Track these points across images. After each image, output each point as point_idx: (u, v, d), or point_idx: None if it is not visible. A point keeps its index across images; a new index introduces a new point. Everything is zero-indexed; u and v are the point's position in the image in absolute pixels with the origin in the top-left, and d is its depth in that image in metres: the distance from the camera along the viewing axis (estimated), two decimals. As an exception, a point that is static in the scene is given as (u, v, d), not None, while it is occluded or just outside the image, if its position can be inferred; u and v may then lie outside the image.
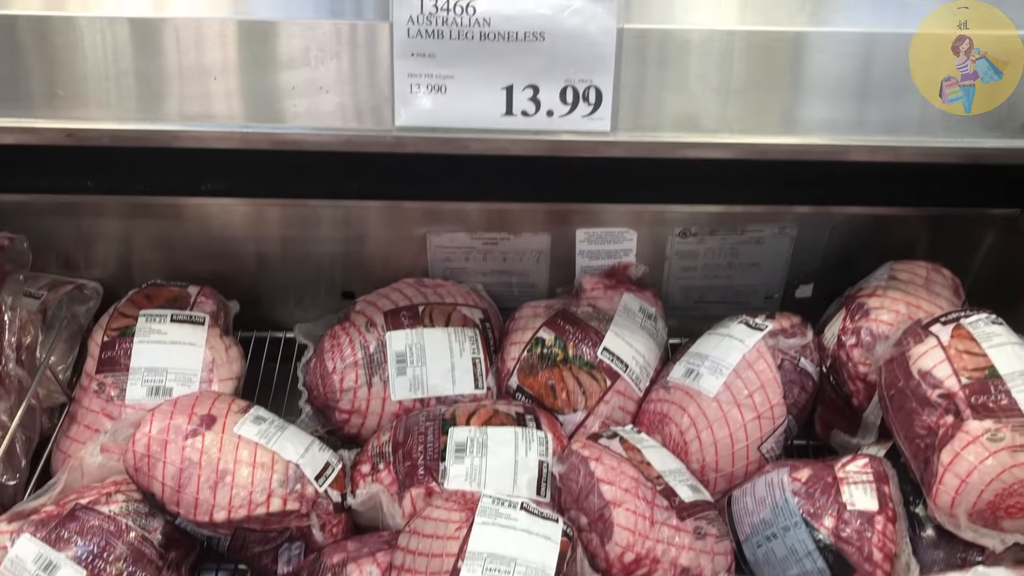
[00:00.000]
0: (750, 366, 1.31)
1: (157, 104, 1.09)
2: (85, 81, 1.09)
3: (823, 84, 1.09)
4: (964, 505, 1.12)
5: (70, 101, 1.09)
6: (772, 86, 1.09)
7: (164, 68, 1.08)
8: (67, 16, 1.08)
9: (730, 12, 1.12)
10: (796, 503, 1.18)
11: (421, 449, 1.24)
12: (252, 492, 1.16)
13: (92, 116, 1.10)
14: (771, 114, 1.11)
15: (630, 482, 1.16)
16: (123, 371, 1.35)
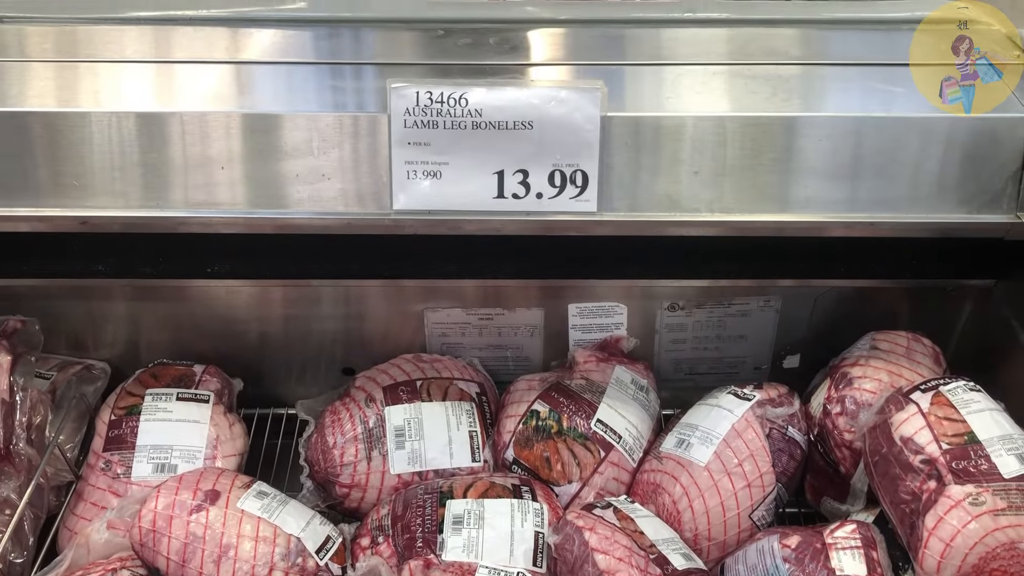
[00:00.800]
0: (739, 435, 1.35)
1: (166, 192, 1.16)
2: (96, 172, 1.16)
3: (798, 165, 1.16)
4: (950, 569, 1.15)
5: (82, 191, 1.16)
6: (745, 168, 1.16)
7: (172, 159, 1.15)
8: (79, 111, 1.16)
9: (707, 101, 1.20)
10: (787, 569, 1.21)
11: (419, 522, 1.27)
12: (255, 566, 1.18)
13: (104, 204, 1.17)
14: (747, 193, 1.17)
15: (623, 551, 1.19)
16: (129, 449, 1.39)
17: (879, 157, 1.16)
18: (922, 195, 1.18)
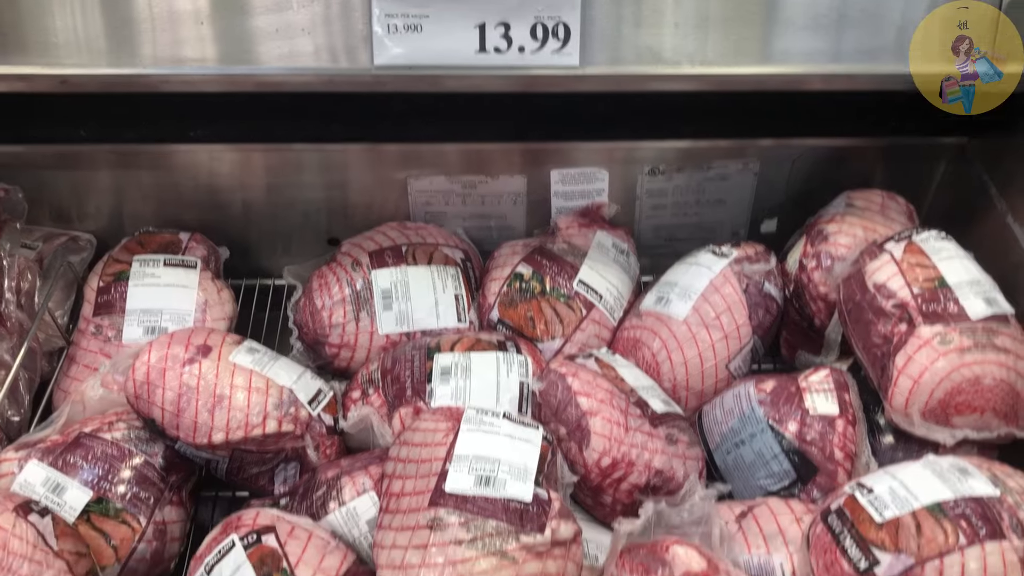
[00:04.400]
0: (717, 290, 1.38)
1: (145, 49, 1.15)
2: (74, 29, 1.14)
3: (779, 16, 1.17)
4: (917, 404, 1.20)
5: (61, 49, 1.15)
6: (729, 19, 1.17)
7: (152, 14, 1.14)
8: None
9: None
10: (762, 411, 1.26)
11: (408, 374, 1.31)
12: (248, 415, 1.22)
13: (82, 63, 1.16)
14: (729, 45, 1.18)
15: (605, 394, 1.24)
16: (119, 313, 1.41)
17: (861, 6, 1.16)
18: (903, 47, 1.19)
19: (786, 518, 1.14)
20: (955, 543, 0.99)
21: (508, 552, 1.02)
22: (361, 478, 1.19)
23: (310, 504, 1.18)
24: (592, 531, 1.21)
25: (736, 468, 1.27)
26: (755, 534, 1.13)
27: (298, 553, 1.05)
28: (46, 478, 1.18)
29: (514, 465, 1.09)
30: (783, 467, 1.23)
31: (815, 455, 1.21)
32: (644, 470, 1.20)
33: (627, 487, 1.20)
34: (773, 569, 1.10)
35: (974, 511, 1.01)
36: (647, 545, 1.08)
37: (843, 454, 1.21)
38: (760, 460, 1.24)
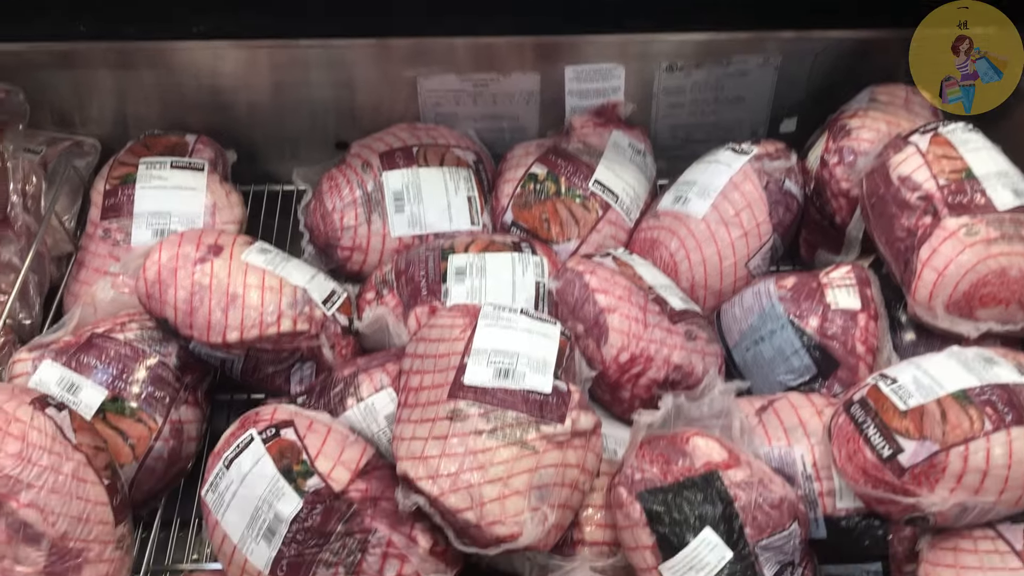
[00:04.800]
0: (736, 187, 1.35)
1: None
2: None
3: None
4: (941, 297, 1.18)
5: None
6: None
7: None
8: None
9: None
10: (782, 308, 1.24)
11: (423, 274, 1.29)
12: (263, 313, 1.20)
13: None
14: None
15: (623, 291, 1.22)
16: (127, 216, 1.38)
17: None
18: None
19: (807, 411, 1.14)
20: (980, 429, 0.98)
21: (528, 442, 1.01)
22: (378, 375, 1.18)
23: (327, 401, 1.17)
24: (610, 427, 1.20)
25: (755, 365, 1.26)
26: (775, 427, 1.13)
27: (318, 446, 1.05)
28: (60, 377, 1.17)
29: (533, 358, 1.08)
30: (804, 362, 1.21)
31: (836, 350, 1.20)
32: (663, 365, 1.18)
33: (645, 382, 1.19)
34: (794, 461, 1.10)
35: (1000, 397, 1.00)
36: (667, 437, 1.07)
37: (865, 348, 1.20)
38: (780, 356, 1.23)
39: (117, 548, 1.03)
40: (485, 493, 0.99)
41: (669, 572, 1.00)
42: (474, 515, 0.98)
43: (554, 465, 1.02)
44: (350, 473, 1.03)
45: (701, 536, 0.99)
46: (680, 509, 1.00)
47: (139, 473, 1.17)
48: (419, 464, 1.02)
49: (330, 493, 1.00)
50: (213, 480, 1.06)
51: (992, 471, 0.97)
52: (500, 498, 0.99)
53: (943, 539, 1.02)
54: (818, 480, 1.08)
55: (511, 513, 0.99)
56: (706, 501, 1.01)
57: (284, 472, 1.01)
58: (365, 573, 0.99)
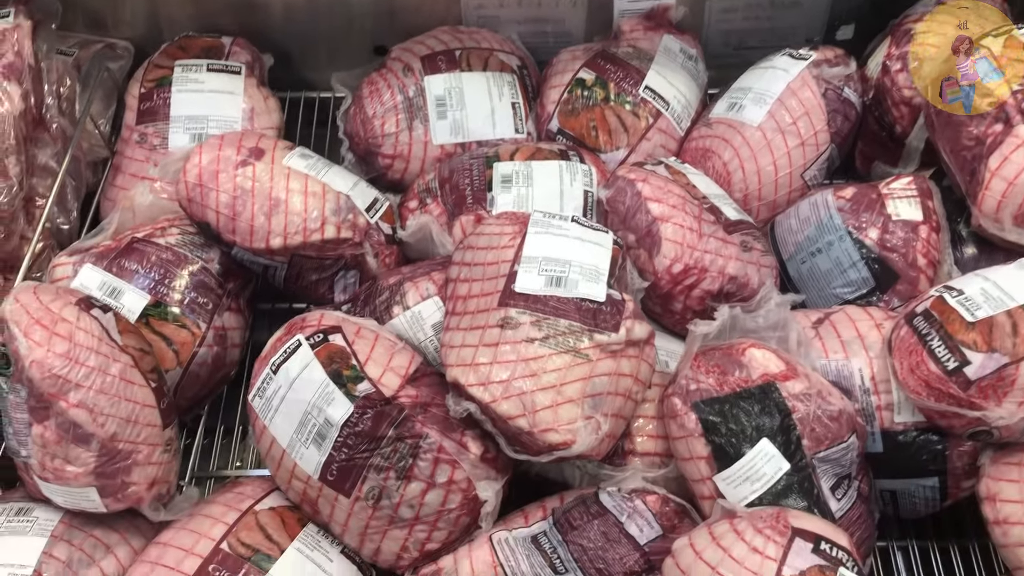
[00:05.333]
0: (794, 94, 1.30)
1: None
2: None
3: None
4: (1010, 208, 1.13)
5: None
6: None
7: None
8: None
9: None
10: (840, 219, 1.20)
11: (467, 182, 1.25)
12: (306, 219, 1.17)
13: None
14: None
15: (677, 199, 1.18)
16: (164, 120, 1.35)
17: None
18: None
19: (865, 324, 1.10)
20: (1054, 342, 0.95)
21: (581, 350, 0.99)
22: (424, 283, 1.15)
23: (373, 309, 1.15)
24: (661, 339, 1.17)
25: (811, 278, 1.22)
26: (833, 339, 1.10)
27: (367, 351, 1.03)
28: (102, 282, 1.15)
29: (585, 266, 1.05)
30: (861, 275, 1.18)
31: (896, 262, 1.16)
32: (717, 276, 1.15)
33: (699, 294, 1.16)
34: (852, 374, 1.07)
35: (1074, 311, 0.96)
36: (723, 347, 1.05)
37: (926, 261, 1.16)
38: (837, 268, 1.19)
39: (165, 451, 1.02)
40: (538, 400, 0.97)
41: (724, 482, 0.98)
42: (527, 422, 0.96)
43: (608, 374, 0.99)
44: (400, 379, 1.01)
45: (758, 447, 0.98)
46: (736, 420, 0.98)
47: (183, 379, 1.16)
48: (470, 371, 1.00)
49: (381, 398, 0.99)
50: (260, 385, 1.04)
51: (1064, 384, 0.94)
52: (553, 406, 0.97)
53: (1006, 453, 1.00)
54: (876, 394, 1.06)
55: (564, 421, 0.97)
56: (763, 412, 0.99)
57: (334, 377, 0.99)
58: (416, 478, 0.98)
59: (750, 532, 0.88)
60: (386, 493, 0.98)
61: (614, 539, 0.96)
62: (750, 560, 0.86)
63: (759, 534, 0.88)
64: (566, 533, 0.97)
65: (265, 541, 0.99)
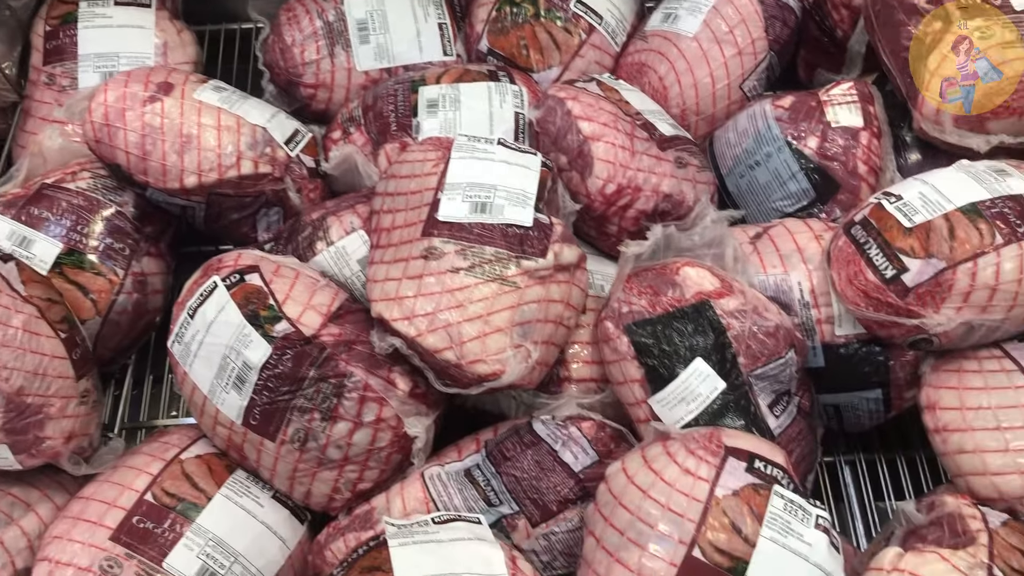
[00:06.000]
0: (730, 1, 1.24)
1: None
2: None
3: None
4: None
5: None
6: None
7: None
8: None
9: None
10: (779, 128, 1.16)
11: (391, 109, 1.20)
12: (221, 155, 1.12)
13: None
14: None
15: (608, 117, 1.13)
16: (71, 59, 1.28)
17: None
18: None
19: (804, 236, 1.07)
20: (990, 243, 0.92)
21: (509, 278, 0.95)
22: (348, 217, 1.11)
23: (296, 246, 1.10)
24: (597, 263, 1.14)
25: (750, 192, 1.18)
26: (771, 254, 1.06)
27: (285, 290, 0.98)
28: (11, 232, 1.10)
29: (511, 190, 1.00)
30: (801, 186, 1.14)
31: (837, 171, 1.12)
32: (652, 195, 1.11)
33: (633, 214, 1.12)
34: (791, 288, 1.04)
35: (1013, 210, 0.93)
36: (656, 268, 1.01)
37: (867, 168, 1.12)
38: (777, 181, 1.16)
39: (81, 403, 0.98)
40: (464, 332, 0.93)
41: (659, 405, 0.95)
42: (454, 354, 0.93)
43: (536, 301, 0.96)
44: (321, 317, 0.97)
45: (692, 367, 0.95)
46: (670, 340, 0.95)
47: (103, 328, 1.11)
48: (394, 305, 0.96)
49: (300, 338, 0.95)
50: (178, 331, 1.00)
51: (1001, 287, 0.91)
52: (480, 336, 0.93)
53: (946, 361, 0.98)
54: (816, 307, 1.03)
55: (492, 351, 0.93)
56: (697, 331, 0.96)
57: (250, 318, 0.95)
58: (342, 418, 0.94)
59: (682, 454, 0.86)
60: (312, 435, 0.94)
61: (548, 468, 0.94)
62: (682, 482, 0.84)
63: (691, 455, 0.86)
64: (499, 465, 0.95)
65: (191, 490, 0.96)
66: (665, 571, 0.80)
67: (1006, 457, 0.88)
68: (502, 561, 0.83)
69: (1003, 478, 0.88)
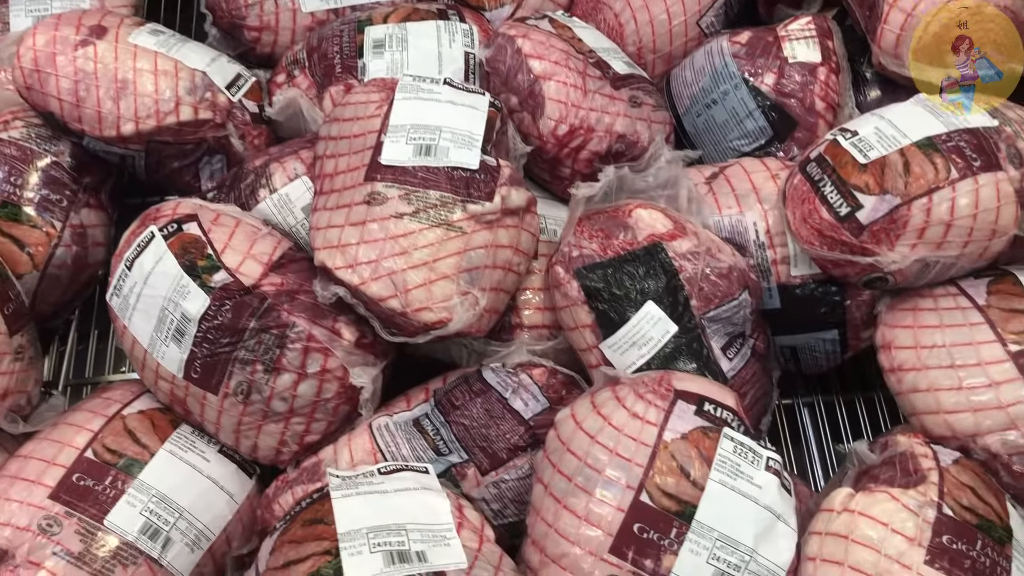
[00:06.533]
0: (686, -66, 1.21)
1: None
2: None
3: None
4: (909, 42, 1.07)
5: None
6: None
7: None
8: None
9: None
10: (736, 65, 1.13)
11: (337, 50, 1.16)
12: (158, 101, 1.08)
13: None
14: None
15: (559, 55, 1.09)
16: (2, 3, 1.23)
17: None
18: None
19: (760, 176, 1.04)
20: (945, 177, 0.89)
21: (454, 223, 0.92)
22: (292, 163, 1.07)
23: (238, 194, 1.07)
24: (550, 207, 1.11)
25: (707, 131, 1.16)
26: (727, 194, 1.04)
27: (224, 239, 0.95)
28: (-61, 186, 1.06)
29: (457, 132, 0.97)
30: (758, 124, 1.11)
31: (794, 108, 1.10)
32: (605, 135, 1.08)
33: (587, 155, 1.09)
34: (746, 228, 1.02)
35: (969, 143, 0.91)
36: (608, 210, 0.99)
37: (825, 104, 1.09)
38: (734, 119, 1.13)
39: (16, 359, 0.95)
40: (409, 279, 0.91)
41: (610, 350, 0.94)
42: (399, 302, 0.91)
43: (484, 246, 0.93)
44: (262, 266, 0.94)
45: (643, 311, 0.93)
46: (620, 284, 0.93)
47: (42, 282, 1.08)
48: (336, 253, 0.93)
49: (240, 288, 0.92)
50: (116, 283, 0.97)
51: (956, 222, 0.89)
52: (426, 283, 0.91)
53: (902, 300, 0.96)
54: (771, 248, 1.01)
55: (439, 298, 0.91)
56: (648, 275, 0.93)
57: (188, 269, 0.92)
58: (286, 369, 0.92)
59: (631, 398, 0.84)
60: (255, 387, 0.92)
61: (497, 415, 0.92)
62: (630, 426, 0.82)
63: (640, 399, 0.84)
64: (448, 413, 0.93)
65: (133, 445, 0.93)
66: (612, 516, 0.79)
67: (959, 395, 0.87)
68: (448, 510, 0.82)
69: (956, 416, 0.87)
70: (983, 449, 0.85)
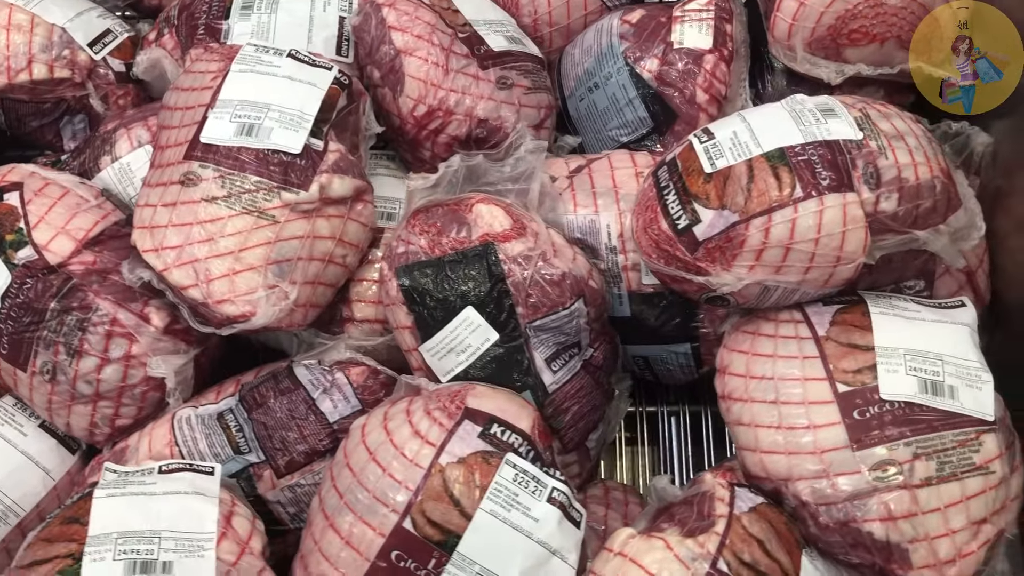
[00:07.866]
0: None
1: None
2: None
3: None
4: (802, 33, 0.97)
5: None
6: None
7: None
8: None
9: None
10: (621, 47, 1.04)
11: (204, 9, 1.09)
12: (10, 58, 1.04)
13: None
14: None
15: (424, 28, 1.01)
16: None
17: None
18: None
19: (625, 172, 0.97)
20: (789, 195, 0.81)
21: (267, 211, 0.87)
22: (138, 130, 1.03)
23: (84, 161, 1.03)
24: (413, 189, 1.05)
25: (588, 118, 1.08)
26: (585, 192, 0.96)
27: (41, 212, 0.92)
28: None
29: (287, 111, 0.91)
30: (638, 114, 1.03)
31: (674, 98, 1.01)
32: (465, 119, 1.00)
33: (445, 139, 1.02)
34: (599, 230, 0.94)
35: (822, 157, 0.82)
36: (450, 203, 0.92)
37: (708, 97, 1.00)
38: (614, 107, 1.04)
39: None
40: (213, 268, 0.86)
41: (429, 354, 0.88)
42: (200, 292, 0.86)
43: (299, 237, 0.88)
44: (75, 243, 0.91)
45: (461, 316, 0.87)
46: (440, 287, 0.87)
47: None
48: (147, 234, 0.89)
49: (44, 266, 0.89)
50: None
51: (796, 246, 0.81)
52: (230, 274, 0.86)
53: (747, 321, 0.89)
54: (623, 253, 0.94)
55: (242, 291, 0.87)
56: (472, 278, 0.87)
57: (-4, 243, 0.90)
58: (88, 353, 0.89)
59: (419, 414, 0.79)
60: (60, 368, 0.89)
61: (300, 416, 0.88)
62: (409, 445, 0.77)
63: (427, 416, 0.79)
64: (252, 410, 0.89)
65: (-57, 417, 0.93)
66: (372, 541, 0.75)
67: (777, 434, 0.79)
68: (214, 519, 0.78)
69: (771, 457, 0.79)
70: (793, 496, 0.78)
